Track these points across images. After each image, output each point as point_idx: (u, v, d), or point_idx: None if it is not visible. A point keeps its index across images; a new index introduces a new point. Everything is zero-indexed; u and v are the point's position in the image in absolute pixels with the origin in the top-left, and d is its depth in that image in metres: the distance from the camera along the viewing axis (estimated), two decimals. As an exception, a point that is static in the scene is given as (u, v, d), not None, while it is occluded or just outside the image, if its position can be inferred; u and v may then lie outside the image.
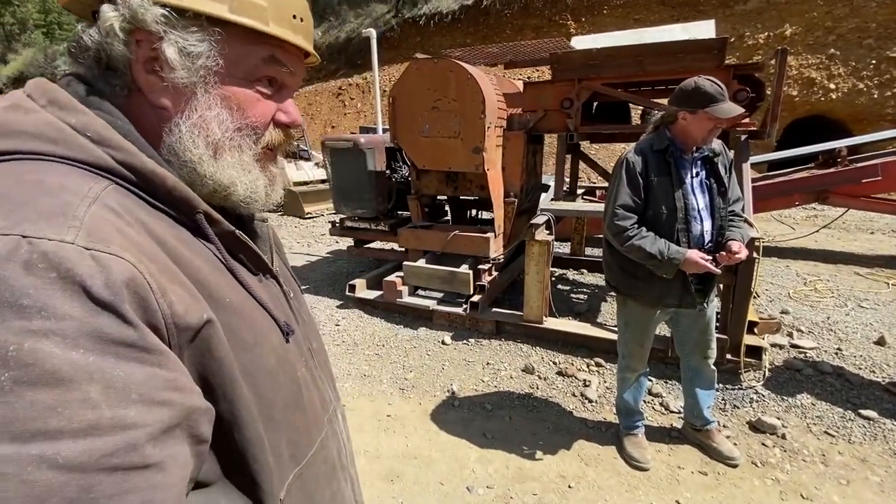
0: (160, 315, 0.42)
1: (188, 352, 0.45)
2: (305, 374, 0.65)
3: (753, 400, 2.75)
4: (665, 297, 2.04)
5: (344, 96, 15.06)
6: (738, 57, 9.76)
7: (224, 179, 0.56)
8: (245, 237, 0.58)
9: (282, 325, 0.60)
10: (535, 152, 4.31)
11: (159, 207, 0.50)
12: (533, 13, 12.80)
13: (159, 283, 0.42)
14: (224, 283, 0.53)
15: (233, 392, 0.49)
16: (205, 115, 0.53)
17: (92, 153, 0.46)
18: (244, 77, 0.55)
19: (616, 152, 9.85)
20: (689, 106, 1.85)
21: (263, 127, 0.58)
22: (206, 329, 0.46)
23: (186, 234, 0.52)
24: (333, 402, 0.75)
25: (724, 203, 1.96)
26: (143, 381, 0.38)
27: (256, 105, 0.57)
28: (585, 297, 4.39)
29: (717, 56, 3.16)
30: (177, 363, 0.43)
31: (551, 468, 2.32)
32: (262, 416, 0.53)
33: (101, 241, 0.40)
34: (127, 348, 0.38)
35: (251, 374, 0.52)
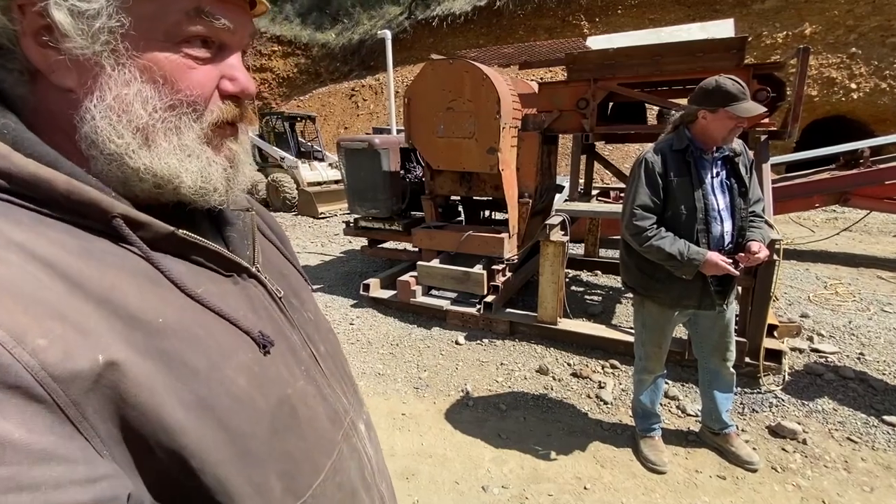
0: (21, 369, 0.31)
1: (93, 405, 0.35)
2: (305, 387, 0.55)
3: (773, 404, 2.70)
4: (684, 298, 2.02)
5: (357, 97, 15.17)
6: (755, 56, 9.62)
7: (164, 171, 0.45)
8: (191, 236, 0.47)
9: (255, 335, 0.49)
10: (550, 153, 4.30)
11: (60, 217, 0.40)
12: (546, 14, 12.77)
13: (14, 326, 0.32)
14: (157, 299, 0.42)
15: (171, 441, 0.39)
16: (121, 93, 0.42)
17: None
18: (166, 39, 0.43)
19: (630, 153, 9.77)
20: (710, 105, 1.83)
21: (204, 100, 0.47)
22: (108, 373, 0.35)
23: (103, 245, 0.42)
24: (350, 413, 0.63)
25: (744, 204, 1.94)
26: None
27: (189, 74, 0.45)
28: (600, 298, 4.36)
29: (736, 55, 3.12)
30: (27, 449, 0.31)
31: (567, 469, 2.31)
32: (233, 453, 0.43)
33: None
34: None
35: (209, 407, 0.42)
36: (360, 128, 14.09)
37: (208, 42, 0.46)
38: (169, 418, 0.39)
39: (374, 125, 12.54)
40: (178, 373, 0.41)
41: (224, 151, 0.51)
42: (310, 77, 17.04)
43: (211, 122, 0.48)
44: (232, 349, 0.47)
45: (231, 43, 0.48)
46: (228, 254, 0.52)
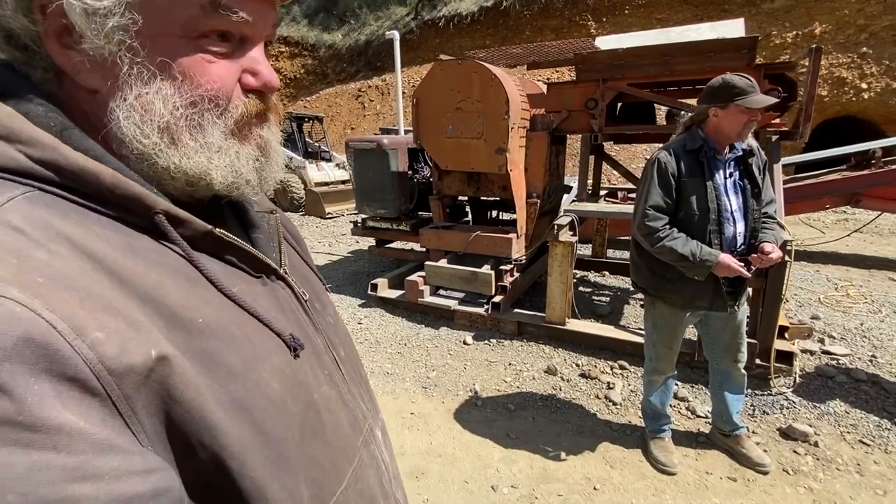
0: (80, 362, 0.31)
1: (143, 400, 0.35)
2: (328, 392, 0.54)
3: (784, 406, 2.68)
4: (695, 299, 2.01)
5: (363, 98, 15.22)
6: (764, 56, 9.56)
7: (193, 168, 0.45)
8: (228, 236, 0.47)
9: (286, 338, 0.49)
10: (558, 153, 4.30)
11: (104, 212, 0.40)
12: (553, 14, 12.75)
13: (73, 318, 0.32)
14: (197, 298, 0.42)
15: (213, 440, 0.38)
16: (142, 92, 0.42)
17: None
18: (182, 35, 0.42)
19: (637, 153, 9.73)
20: (719, 101, 1.82)
21: (226, 95, 0.45)
22: (159, 368, 0.36)
23: (145, 242, 0.42)
24: (369, 419, 0.62)
25: (757, 205, 1.93)
26: (24, 475, 0.28)
27: (208, 69, 0.44)
28: (608, 299, 4.35)
29: (746, 55, 3.11)
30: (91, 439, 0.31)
31: (576, 470, 2.31)
32: (268, 457, 0.43)
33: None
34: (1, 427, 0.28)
35: (247, 409, 0.41)
36: (367, 128, 14.14)
37: (227, 35, 0.44)
38: (212, 417, 0.38)
39: (381, 126, 12.58)
40: (216, 373, 0.40)
41: (254, 139, 0.50)
42: (317, 78, 17.12)
43: (235, 118, 0.47)
44: (266, 351, 0.46)
45: (252, 35, 0.46)
46: (260, 254, 0.51)
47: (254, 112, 0.48)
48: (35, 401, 0.29)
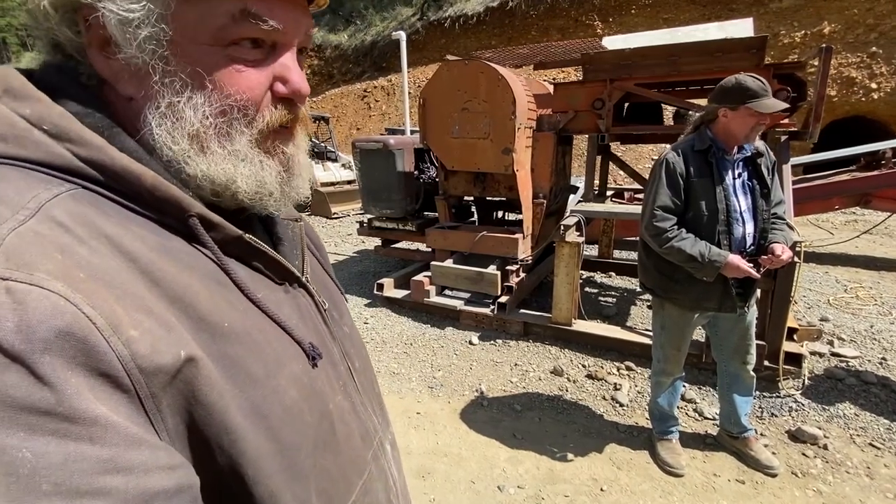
0: (114, 358, 0.32)
1: (168, 399, 0.35)
2: (342, 403, 0.54)
3: (792, 409, 2.66)
4: (704, 300, 2.00)
5: (369, 98, 15.24)
6: (772, 56, 9.48)
7: (220, 176, 0.45)
8: (257, 242, 0.48)
9: (306, 346, 0.49)
10: (565, 153, 4.29)
11: (142, 212, 0.41)
12: (559, 14, 12.72)
13: (111, 315, 0.33)
14: (224, 302, 0.43)
15: (232, 445, 0.39)
16: (173, 101, 0.42)
17: (49, 150, 0.38)
18: (213, 43, 0.42)
19: (643, 154, 9.69)
20: (730, 102, 1.81)
21: (256, 104, 0.45)
22: (186, 369, 0.36)
23: (178, 244, 0.42)
24: (379, 433, 0.62)
25: (766, 205, 1.92)
26: (62, 464, 0.28)
27: (238, 78, 0.44)
28: (614, 300, 4.33)
29: (755, 55, 3.09)
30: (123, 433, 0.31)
31: (583, 471, 2.30)
32: (282, 465, 0.43)
33: (24, 266, 0.31)
34: (40, 417, 0.28)
35: (264, 416, 0.42)
36: (373, 128, 14.17)
37: (259, 43, 0.44)
38: (232, 421, 0.39)
39: (387, 126, 12.61)
40: (237, 378, 0.41)
41: (277, 156, 0.49)
42: (322, 78, 17.16)
43: (262, 127, 0.46)
44: (286, 358, 0.46)
45: (284, 42, 0.46)
46: (285, 262, 0.51)
47: (281, 122, 0.47)
48: (73, 393, 0.30)
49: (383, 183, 4.71)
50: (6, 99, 0.40)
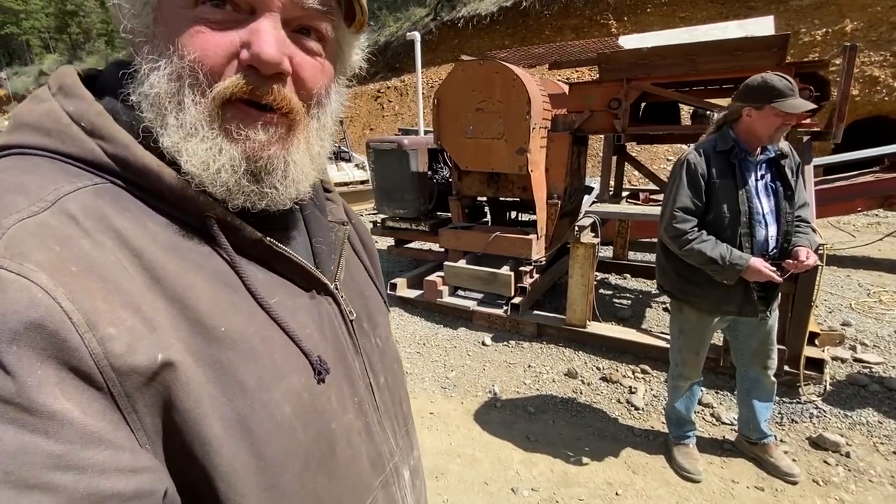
0: (86, 354, 0.32)
1: (144, 401, 0.35)
2: (353, 422, 0.51)
3: (814, 415, 2.61)
4: (724, 303, 1.96)
5: (382, 99, 15.30)
6: (792, 55, 9.28)
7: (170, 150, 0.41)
8: (278, 246, 0.46)
9: (313, 360, 0.46)
10: (580, 154, 4.26)
11: (164, 210, 0.41)
12: (573, 13, 12.63)
13: (90, 311, 0.33)
14: (227, 305, 0.41)
15: (205, 455, 0.37)
16: (144, 68, 0.41)
17: (83, 146, 0.39)
18: (182, 5, 0.40)
19: (659, 154, 9.58)
20: (755, 101, 1.78)
21: (210, 68, 0.40)
22: (164, 373, 0.35)
23: (192, 243, 0.42)
24: (395, 457, 0.57)
25: (790, 207, 1.88)
26: (13, 454, 0.28)
27: (196, 39, 0.40)
28: (629, 302, 4.29)
29: (777, 54, 3.03)
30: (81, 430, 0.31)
31: (597, 474, 2.28)
32: (260, 484, 0.40)
33: (17, 255, 0.32)
34: (1, 405, 0.29)
35: (248, 428, 0.40)
36: (386, 129, 14.22)
37: (226, 2, 0.40)
38: (207, 432, 0.37)
39: (400, 126, 12.64)
40: (225, 386, 0.39)
41: (240, 140, 0.42)
42: (336, 79, 17.25)
43: (216, 95, 0.41)
44: (286, 370, 0.44)
45: (258, 4, 0.41)
46: (311, 268, 0.49)
47: (236, 92, 0.41)
48: (35, 384, 0.29)
49: (397, 183, 4.72)
50: (59, 96, 0.41)
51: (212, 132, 0.41)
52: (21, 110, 0.41)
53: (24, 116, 0.41)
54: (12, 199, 0.35)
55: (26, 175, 0.37)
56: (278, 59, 0.41)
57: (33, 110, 0.41)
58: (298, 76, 0.44)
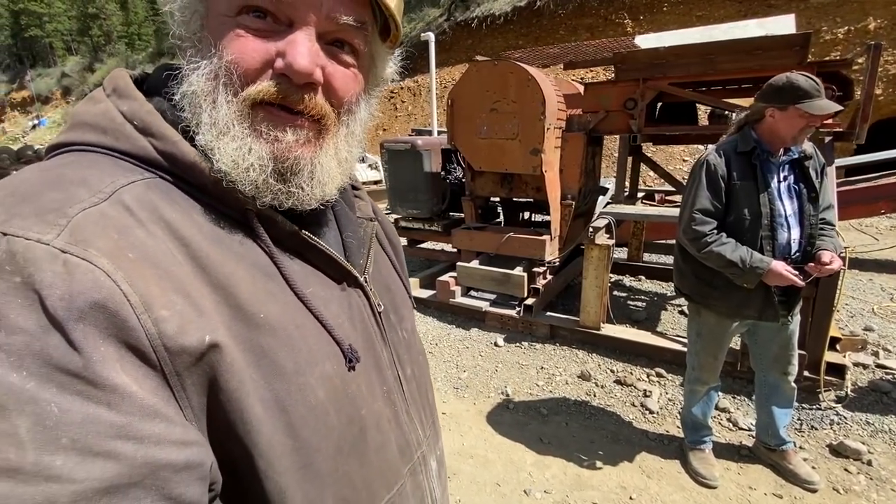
0: (143, 334, 0.34)
1: (192, 379, 0.37)
2: (382, 409, 0.53)
3: (834, 422, 2.55)
4: (744, 308, 1.93)
5: (396, 99, 15.35)
6: (813, 53, 9.09)
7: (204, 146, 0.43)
8: (313, 238, 0.48)
9: (344, 348, 0.48)
10: (595, 154, 4.22)
11: (208, 203, 0.44)
12: (588, 13, 12.53)
13: (146, 294, 0.35)
14: (265, 294, 0.43)
15: (247, 434, 0.40)
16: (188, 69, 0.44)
17: (136, 143, 0.42)
18: (227, 13, 0.43)
19: (675, 154, 9.46)
20: (779, 102, 1.74)
21: (245, 70, 0.43)
22: (210, 354, 0.37)
23: (234, 235, 0.44)
24: (423, 446, 0.59)
25: (814, 210, 1.83)
26: (80, 423, 0.30)
27: (235, 42, 0.43)
28: (644, 304, 4.24)
29: (798, 53, 2.97)
30: (140, 404, 0.33)
31: (611, 478, 2.26)
32: (296, 464, 0.42)
33: (81, 241, 0.34)
34: (69, 378, 0.31)
35: (285, 410, 0.42)
36: (399, 129, 14.26)
37: (265, 14, 0.43)
38: (249, 412, 0.40)
39: (413, 126, 12.67)
40: (265, 369, 0.41)
41: (269, 141, 0.45)
42: (350, 79, 17.35)
43: (246, 96, 0.43)
44: (320, 357, 0.46)
45: (295, 17, 0.43)
46: (343, 261, 0.52)
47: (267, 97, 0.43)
48: (99, 360, 0.32)
49: (410, 183, 4.73)
50: (113, 97, 0.45)
51: (242, 131, 0.44)
52: (79, 110, 0.45)
53: (81, 116, 0.44)
54: (75, 191, 0.37)
55: (86, 169, 0.40)
56: (310, 70, 0.43)
57: (90, 110, 0.44)
58: (330, 85, 0.47)
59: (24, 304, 0.31)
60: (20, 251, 0.32)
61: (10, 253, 0.32)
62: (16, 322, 0.30)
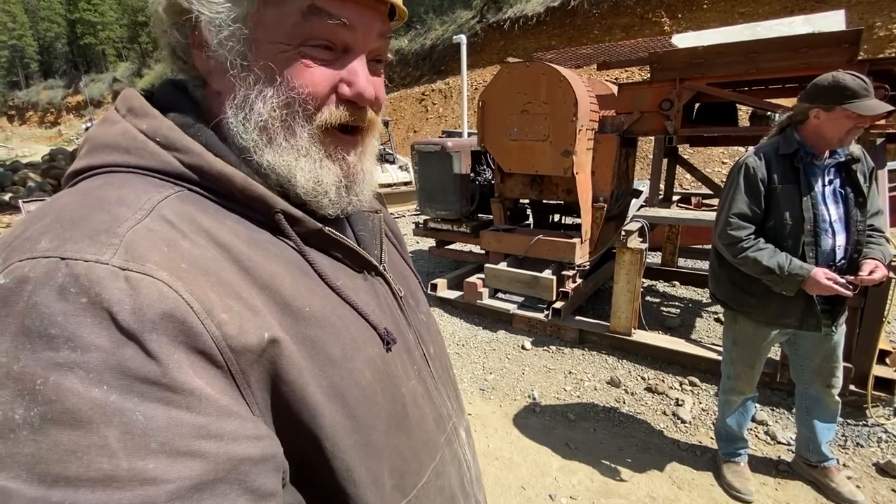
0: (209, 338, 0.36)
1: (255, 376, 0.39)
2: (416, 387, 0.56)
3: (882, 439, 2.41)
4: (783, 316, 1.85)
5: (426, 101, 15.47)
6: (866, 50, 8.62)
7: (281, 169, 0.48)
8: (335, 234, 0.51)
9: (381, 331, 0.52)
10: (628, 156, 4.14)
11: (235, 209, 0.46)
12: (623, 12, 12.29)
13: (205, 300, 0.37)
14: (306, 289, 0.46)
15: (312, 420, 0.42)
16: (247, 94, 0.46)
17: (161, 159, 0.44)
18: (287, 41, 0.45)
19: (713, 156, 9.14)
20: (824, 102, 1.66)
21: (317, 99, 0.47)
22: (270, 349, 0.40)
23: (266, 237, 0.47)
24: (453, 418, 0.63)
25: (861, 215, 1.74)
26: (165, 427, 0.33)
27: (304, 72, 0.46)
28: (678, 311, 4.12)
29: (848, 50, 2.82)
30: (215, 404, 0.35)
31: (640, 487, 2.21)
32: (357, 442, 0.46)
33: (138, 258, 0.36)
34: (149, 386, 0.33)
35: (341, 395, 0.45)
36: (430, 131, 14.35)
37: (331, 46, 0.47)
38: (311, 399, 0.42)
39: (444, 128, 12.73)
40: (317, 359, 0.44)
41: (339, 162, 0.51)
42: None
43: (321, 123, 0.48)
44: (362, 342, 0.49)
45: (353, 44, 0.48)
46: (363, 252, 0.55)
47: (338, 121, 0.49)
48: (175, 367, 0.34)
49: (440, 185, 4.76)
50: (129, 117, 0.46)
51: (318, 155, 0.49)
52: (96, 133, 0.46)
53: (100, 139, 0.46)
54: (118, 211, 0.39)
55: (120, 189, 0.41)
56: (372, 95, 0.50)
57: (108, 132, 0.46)
58: (376, 99, 0.52)
59: (95, 322, 0.32)
60: (83, 273, 0.33)
61: (73, 276, 0.33)
62: (90, 340, 0.32)
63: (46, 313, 0.32)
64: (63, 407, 0.31)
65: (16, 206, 9.67)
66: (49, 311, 0.32)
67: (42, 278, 0.33)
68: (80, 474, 0.30)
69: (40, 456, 0.30)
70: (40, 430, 0.30)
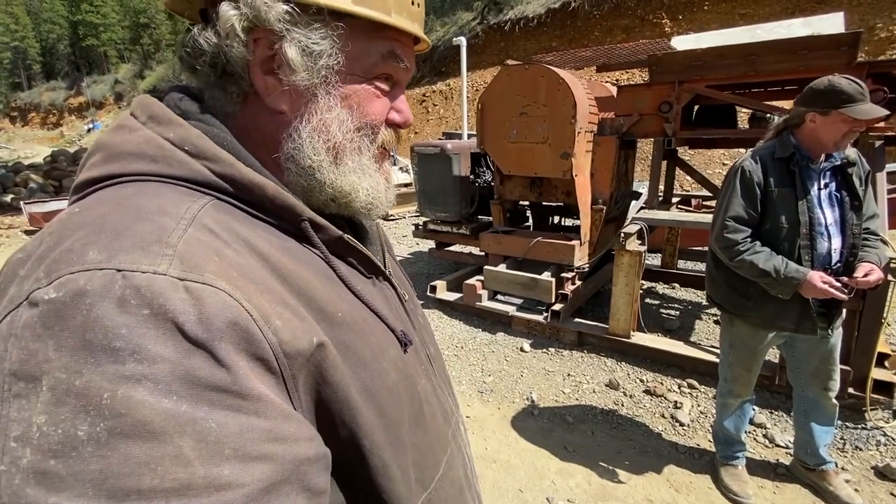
0: (267, 345, 0.37)
1: (302, 379, 0.41)
2: (426, 385, 0.59)
3: (881, 443, 2.41)
4: (779, 319, 1.85)
5: (427, 103, 15.49)
6: (866, 52, 8.61)
7: (345, 186, 0.52)
8: (353, 241, 0.53)
9: (398, 334, 0.54)
10: (627, 158, 4.14)
11: (263, 218, 0.47)
12: (624, 13, 12.30)
13: (261, 308, 0.38)
14: (335, 295, 0.48)
15: (353, 419, 0.45)
16: (325, 117, 0.50)
17: (191, 168, 0.44)
18: (364, 74, 0.51)
19: (713, 158, 9.14)
20: (820, 106, 1.66)
21: (378, 125, 0.54)
22: (317, 353, 0.41)
23: (294, 245, 0.48)
24: (455, 413, 0.67)
25: (857, 219, 1.74)
26: (238, 434, 0.34)
27: (374, 102, 0.53)
28: (677, 313, 4.11)
29: (847, 52, 2.82)
30: (278, 409, 0.37)
31: (637, 490, 2.21)
32: (388, 439, 0.48)
33: (195, 268, 0.36)
34: (219, 394, 0.33)
35: (372, 394, 0.47)
36: (430, 132, 14.37)
37: (389, 78, 0.54)
38: (351, 399, 0.44)
39: (444, 130, 12.74)
40: (350, 362, 0.46)
41: (383, 172, 0.57)
42: (383, 83, 17.64)
43: (379, 144, 0.55)
44: (385, 344, 0.52)
45: (402, 80, 0.56)
46: (374, 257, 0.57)
47: (388, 142, 0.56)
48: (243, 374, 0.35)
49: (439, 186, 4.77)
50: (151, 124, 0.46)
51: (375, 170, 0.55)
52: (114, 141, 0.46)
53: (120, 146, 0.45)
54: (161, 221, 0.38)
55: (156, 199, 0.41)
56: (412, 120, 0.60)
57: (129, 140, 0.45)
58: None
59: (159, 333, 0.32)
60: (144, 285, 0.33)
61: (133, 288, 0.33)
62: (156, 351, 0.32)
63: (110, 326, 0.32)
64: (134, 420, 0.30)
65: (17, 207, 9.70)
66: (112, 325, 0.32)
67: (101, 290, 0.33)
68: (155, 486, 0.30)
69: (109, 471, 0.29)
70: (108, 445, 0.30)
